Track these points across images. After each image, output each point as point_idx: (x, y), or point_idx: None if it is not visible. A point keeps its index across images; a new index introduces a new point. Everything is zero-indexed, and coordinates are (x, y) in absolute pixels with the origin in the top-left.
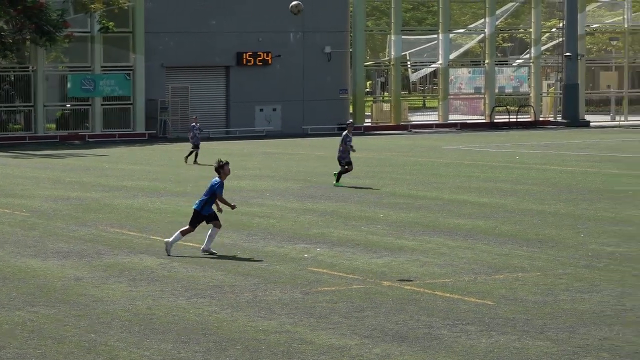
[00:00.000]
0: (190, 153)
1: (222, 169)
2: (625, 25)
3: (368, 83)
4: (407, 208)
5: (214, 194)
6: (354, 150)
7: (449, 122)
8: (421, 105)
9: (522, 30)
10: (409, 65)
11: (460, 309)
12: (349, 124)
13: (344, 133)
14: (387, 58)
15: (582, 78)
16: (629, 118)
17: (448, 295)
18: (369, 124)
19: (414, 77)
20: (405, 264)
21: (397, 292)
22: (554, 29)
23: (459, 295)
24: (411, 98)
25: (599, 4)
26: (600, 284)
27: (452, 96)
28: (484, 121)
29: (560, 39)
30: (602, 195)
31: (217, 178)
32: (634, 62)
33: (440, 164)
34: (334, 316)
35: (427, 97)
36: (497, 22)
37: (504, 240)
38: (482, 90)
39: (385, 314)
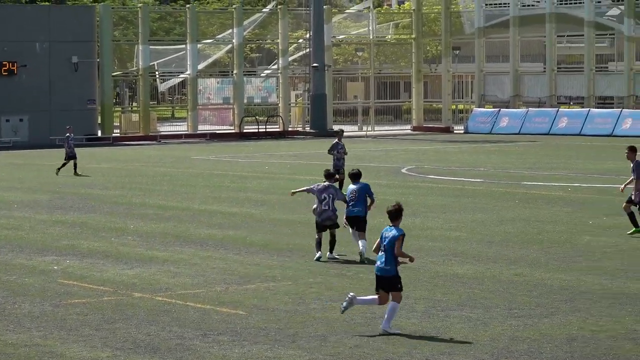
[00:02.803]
0: (64, 164)
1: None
2: (370, 37)
3: (117, 93)
4: (157, 219)
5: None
6: (345, 153)
7: (198, 132)
8: (170, 115)
9: (269, 40)
10: (157, 76)
11: (213, 319)
12: (339, 131)
13: (335, 141)
14: (135, 68)
15: (329, 88)
16: (376, 128)
17: (200, 305)
18: (118, 135)
19: (162, 87)
20: (156, 275)
21: (148, 304)
22: (301, 40)
23: (211, 306)
24: (160, 108)
25: (344, 15)
26: (350, 292)
27: (201, 106)
28: (233, 131)
29: (308, 50)
30: None
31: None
32: (379, 73)
33: (191, 174)
34: (85, 328)
35: (176, 108)
36: (245, 33)
37: (255, 250)
38: (231, 101)
39: (137, 325)
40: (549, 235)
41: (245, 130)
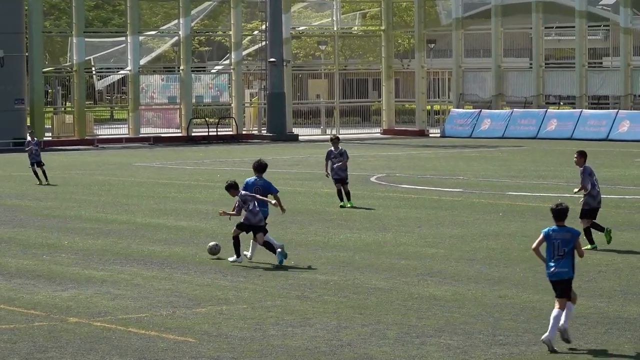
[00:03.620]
0: (43, 172)
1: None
2: (335, 28)
3: (48, 92)
4: (95, 234)
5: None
6: (341, 162)
7: (140, 135)
8: (109, 117)
9: (220, 32)
10: (94, 72)
11: (158, 347)
12: (332, 138)
13: (331, 149)
14: (68, 63)
15: (288, 86)
16: (342, 131)
17: (144, 332)
18: (50, 138)
19: (100, 85)
20: (94, 297)
21: (85, 330)
22: (256, 32)
23: (156, 332)
24: (97, 109)
25: (305, 4)
26: (313, 316)
27: (143, 107)
28: (180, 135)
29: (264, 43)
30: (314, 218)
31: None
32: (344, 69)
33: (132, 183)
34: (13, 358)
35: (116, 108)
36: (192, 24)
37: (205, 269)
38: (178, 100)
39: (73, 354)
40: None
41: (193, 134)
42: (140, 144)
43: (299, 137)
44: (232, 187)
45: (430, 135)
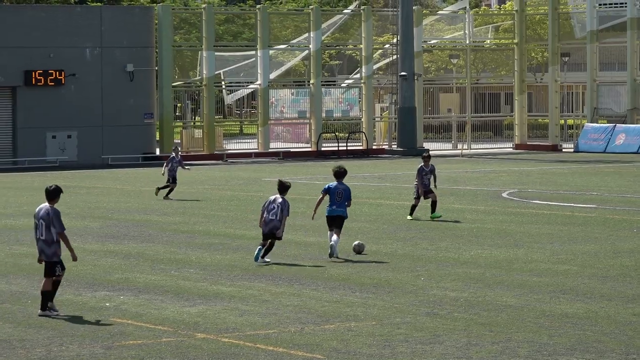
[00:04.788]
0: (169, 187)
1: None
2: (467, 41)
3: (178, 106)
4: (223, 249)
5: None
6: (429, 179)
7: (270, 150)
8: (238, 131)
9: (351, 46)
10: (223, 86)
11: None
12: (427, 155)
13: (422, 165)
14: (198, 77)
15: (419, 100)
16: (473, 146)
17: (272, 348)
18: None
19: (229, 99)
20: (222, 313)
21: (213, 346)
22: (387, 45)
23: (284, 349)
24: (227, 123)
25: (437, 17)
26: (443, 334)
27: (273, 121)
28: (309, 149)
29: (395, 57)
30: (444, 234)
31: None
32: (477, 83)
33: (261, 198)
34: None
35: (245, 123)
36: (323, 37)
37: (334, 285)
38: (308, 115)
39: None
40: None
41: (323, 149)
42: (269, 159)
43: (430, 152)
44: (286, 189)
45: (564, 150)
